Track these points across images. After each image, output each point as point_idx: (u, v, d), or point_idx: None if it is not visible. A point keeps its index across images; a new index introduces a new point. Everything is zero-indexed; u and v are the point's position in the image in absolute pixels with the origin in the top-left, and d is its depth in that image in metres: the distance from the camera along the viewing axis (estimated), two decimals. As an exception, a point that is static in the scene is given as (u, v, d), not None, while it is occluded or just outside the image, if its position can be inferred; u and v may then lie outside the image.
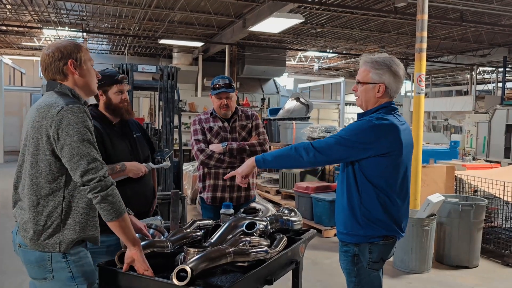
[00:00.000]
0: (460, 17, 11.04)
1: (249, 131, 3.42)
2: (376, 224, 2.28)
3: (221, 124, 3.37)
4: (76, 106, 1.89)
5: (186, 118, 12.95)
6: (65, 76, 2.01)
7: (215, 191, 3.33)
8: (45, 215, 1.92)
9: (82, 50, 2.05)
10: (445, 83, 25.15)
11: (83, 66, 2.04)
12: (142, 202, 2.81)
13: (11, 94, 16.88)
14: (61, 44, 2.03)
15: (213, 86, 3.33)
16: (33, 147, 1.92)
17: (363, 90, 2.37)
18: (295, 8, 9.97)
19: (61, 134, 1.85)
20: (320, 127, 7.76)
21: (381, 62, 2.32)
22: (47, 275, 1.94)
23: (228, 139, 3.33)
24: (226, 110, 3.33)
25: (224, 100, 3.29)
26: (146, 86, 6.43)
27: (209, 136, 3.35)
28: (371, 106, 2.37)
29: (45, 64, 2.01)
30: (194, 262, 1.83)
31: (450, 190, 5.91)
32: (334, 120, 19.35)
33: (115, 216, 1.90)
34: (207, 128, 3.36)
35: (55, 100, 1.91)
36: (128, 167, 2.68)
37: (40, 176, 1.92)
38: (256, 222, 2.28)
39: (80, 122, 1.87)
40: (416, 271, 4.83)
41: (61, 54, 1.99)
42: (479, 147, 11.76)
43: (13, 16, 12.02)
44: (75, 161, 1.85)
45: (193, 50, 16.19)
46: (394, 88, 2.34)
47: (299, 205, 6.77)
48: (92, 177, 1.86)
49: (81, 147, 1.86)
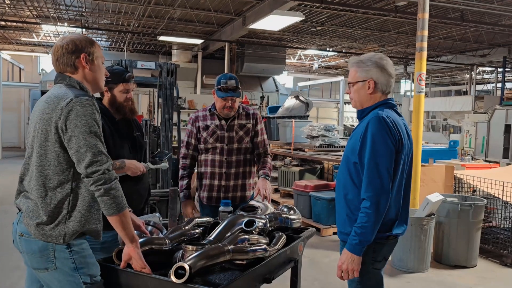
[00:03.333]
0: (460, 16, 11.03)
1: (247, 131, 3.30)
2: (381, 224, 2.26)
3: (218, 122, 3.25)
4: (86, 98, 1.91)
5: (185, 115, 12.92)
6: (76, 69, 2.04)
7: (211, 191, 3.27)
8: (53, 206, 1.92)
9: (96, 46, 2.09)
10: (444, 83, 25.19)
11: (95, 62, 2.07)
12: (137, 201, 2.81)
13: (10, 90, 16.85)
14: (76, 37, 2.06)
15: (220, 87, 3.14)
16: (42, 139, 1.92)
17: (355, 91, 2.39)
18: (295, 6, 9.95)
19: (69, 126, 1.87)
20: (319, 126, 7.75)
21: (366, 59, 2.35)
22: (49, 265, 1.94)
23: (224, 138, 3.23)
24: (229, 111, 3.22)
25: (228, 102, 3.18)
26: (145, 83, 6.41)
27: (204, 135, 3.25)
28: (367, 104, 2.37)
29: (57, 55, 2.03)
30: (192, 259, 1.82)
31: (449, 190, 5.91)
32: (333, 119, 19.32)
33: (116, 210, 1.90)
34: (203, 126, 3.27)
35: (65, 92, 1.94)
36: (128, 164, 2.68)
37: (49, 167, 1.93)
38: (255, 220, 2.27)
39: (88, 114, 1.89)
40: (414, 270, 4.82)
41: (75, 47, 2.02)
42: (478, 147, 11.77)
43: (12, 11, 11.98)
44: (82, 152, 1.87)
45: (192, 47, 16.16)
46: (384, 81, 2.33)
47: (297, 203, 6.76)
48: (97, 169, 1.87)
49: (88, 139, 1.87)
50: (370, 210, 2.17)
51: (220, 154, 3.23)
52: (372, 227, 2.18)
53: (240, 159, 3.27)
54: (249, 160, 3.33)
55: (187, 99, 13.93)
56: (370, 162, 2.20)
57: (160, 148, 5.52)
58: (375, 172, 2.18)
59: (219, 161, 3.24)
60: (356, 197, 2.28)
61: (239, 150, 3.27)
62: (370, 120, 2.24)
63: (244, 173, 3.30)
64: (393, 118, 2.26)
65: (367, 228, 2.18)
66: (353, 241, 2.21)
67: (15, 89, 17.45)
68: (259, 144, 3.36)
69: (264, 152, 3.38)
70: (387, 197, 2.19)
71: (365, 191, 2.20)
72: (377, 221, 2.18)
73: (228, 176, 3.24)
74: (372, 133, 2.21)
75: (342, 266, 2.26)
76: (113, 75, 2.68)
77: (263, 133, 3.40)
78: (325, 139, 7.56)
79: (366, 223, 2.18)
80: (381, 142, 2.19)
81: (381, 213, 2.18)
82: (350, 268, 2.24)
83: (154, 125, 6.39)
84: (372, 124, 2.22)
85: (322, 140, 7.54)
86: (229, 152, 3.24)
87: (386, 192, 2.18)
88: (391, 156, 2.20)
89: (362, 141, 2.24)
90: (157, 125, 6.25)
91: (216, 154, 3.24)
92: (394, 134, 2.22)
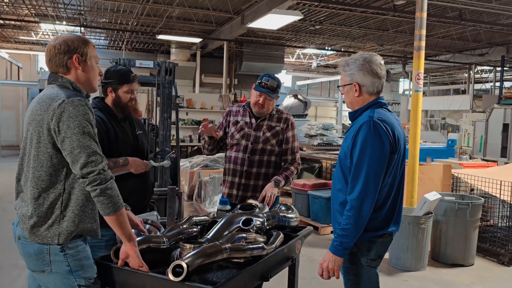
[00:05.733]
0: (459, 15, 11.04)
1: (275, 134, 3.23)
2: (374, 223, 2.28)
3: (248, 120, 3.25)
4: (77, 99, 1.90)
5: (183, 114, 12.92)
6: (68, 69, 2.02)
7: (232, 188, 3.25)
8: (46, 207, 1.93)
9: (89, 46, 2.06)
10: (443, 82, 25.19)
11: (88, 63, 2.05)
12: (140, 199, 2.83)
13: (8, 89, 16.81)
14: (69, 38, 2.04)
15: (260, 82, 3.17)
16: (35, 140, 1.92)
17: (345, 93, 2.43)
18: (293, 5, 9.94)
19: (62, 127, 1.86)
20: (317, 125, 7.76)
21: (351, 62, 2.35)
22: (45, 267, 1.95)
23: (250, 136, 3.21)
24: (260, 109, 3.19)
25: (261, 99, 3.16)
26: (143, 82, 6.39)
27: (232, 130, 3.26)
28: (357, 106, 2.39)
29: (50, 55, 2.01)
30: (190, 257, 1.83)
31: (447, 189, 5.92)
32: (332, 118, 19.35)
33: (112, 210, 1.90)
34: (233, 121, 3.28)
35: (57, 93, 1.92)
36: (131, 162, 2.71)
37: (42, 169, 1.92)
38: (252, 219, 2.28)
39: (81, 114, 1.87)
40: (411, 269, 4.84)
41: (67, 48, 2.00)
42: (476, 146, 11.80)
43: (10, 9, 11.95)
44: (76, 153, 1.86)
45: (191, 46, 16.14)
46: (369, 84, 2.33)
47: (296, 202, 6.77)
48: (92, 169, 1.87)
49: (82, 139, 1.86)
50: (351, 213, 2.19)
51: (243, 151, 3.21)
52: (354, 230, 2.19)
53: (263, 160, 3.22)
54: (273, 162, 3.27)
55: (185, 98, 13.90)
56: (356, 166, 2.21)
57: (158, 146, 5.52)
58: (361, 176, 2.19)
59: (241, 159, 3.21)
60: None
61: (263, 150, 3.21)
62: (361, 125, 2.25)
63: (267, 174, 3.23)
64: (385, 119, 2.26)
65: (347, 231, 2.20)
66: (335, 242, 2.25)
67: (14, 87, 17.40)
68: (288, 151, 3.29)
69: (292, 160, 3.32)
70: (371, 202, 2.19)
71: (349, 194, 2.22)
72: (358, 225, 2.19)
73: (249, 175, 3.20)
74: (362, 139, 2.22)
75: (323, 264, 2.29)
76: (117, 75, 2.70)
77: (295, 140, 3.32)
78: (324, 138, 7.58)
79: (347, 225, 2.20)
80: (370, 147, 2.20)
81: (363, 217, 2.19)
82: (331, 267, 2.26)
83: (152, 124, 6.39)
84: (363, 129, 2.23)
85: (320, 139, 7.56)
86: (252, 151, 3.20)
87: (371, 197, 2.19)
88: (379, 161, 2.20)
89: (353, 145, 2.25)
90: (155, 124, 6.24)
91: (239, 152, 3.22)
92: (386, 137, 2.21)
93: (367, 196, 2.18)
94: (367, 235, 2.28)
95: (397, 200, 2.36)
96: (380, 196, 2.26)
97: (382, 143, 2.20)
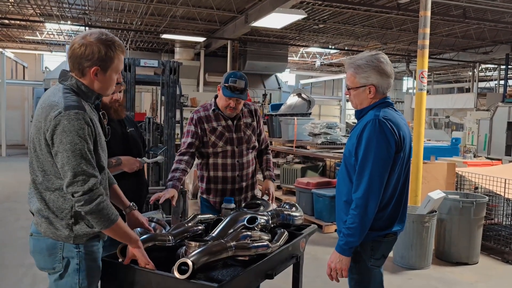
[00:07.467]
0: (463, 13, 11.00)
1: (253, 130, 3.19)
2: (378, 222, 2.27)
3: (224, 123, 3.07)
4: (74, 112, 1.81)
5: (188, 113, 12.92)
6: (83, 75, 1.93)
7: (225, 195, 3.06)
8: (59, 208, 1.90)
9: (116, 58, 1.97)
10: (447, 80, 25.10)
11: (106, 74, 1.96)
12: (136, 197, 2.83)
13: (13, 88, 16.90)
14: (100, 42, 1.90)
15: (228, 85, 2.95)
16: (37, 146, 1.90)
17: (355, 94, 2.37)
18: (297, 4, 9.93)
19: (55, 140, 1.81)
20: (321, 123, 7.76)
21: (364, 64, 2.30)
22: (56, 264, 1.93)
23: (234, 140, 3.08)
24: (232, 112, 3.05)
25: (232, 102, 3.00)
26: (148, 81, 6.44)
27: (213, 138, 3.04)
28: (365, 105, 2.37)
29: (71, 53, 1.92)
30: (195, 255, 1.84)
31: (451, 187, 5.91)
32: (336, 117, 19.30)
33: (104, 226, 1.88)
34: (209, 129, 3.05)
35: (57, 101, 1.85)
36: (124, 161, 2.71)
37: (49, 171, 1.90)
38: (257, 217, 2.29)
39: (75, 130, 1.80)
40: (416, 267, 4.84)
41: (91, 55, 1.89)
42: (480, 145, 11.75)
43: (15, 9, 12.01)
44: (65, 170, 1.82)
45: (195, 45, 16.16)
46: (384, 85, 2.32)
47: (300, 200, 6.78)
48: (76, 189, 1.81)
49: (71, 157, 1.80)
50: (357, 212, 2.18)
51: (231, 157, 3.07)
52: (359, 229, 2.19)
53: (249, 159, 3.17)
54: (254, 157, 3.26)
55: (189, 97, 13.94)
56: (361, 164, 2.21)
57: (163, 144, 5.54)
58: (365, 175, 2.19)
59: (231, 165, 3.07)
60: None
61: (248, 150, 3.15)
62: (367, 123, 2.23)
63: (253, 171, 3.23)
64: (391, 118, 2.25)
65: (353, 230, 2.20)
66: (340, 242, 2.24)
67: (19, 87, 17.49)
68: (263, 141, 3.30)
69: (265, 148, 3.34)
70: (376, 200, 2.19)
71: (354, 193, 2.22)
72: (364, 224, 2.19)
73: (241, 178, 3.11)
74: (367, 137, 2.21)
75: (331, 264, 2.29)
76: None
77: (264, 128, 3.33)
78: (327, 137, 7.58)
79: (352, 224, 2.20)
80: (376, 146, 2.19)
81: (369, 217, 2.19)
82: (338, 267, 2.26)
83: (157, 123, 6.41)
84: (368, 127, 2.22)
85: (324, 138, 7.56)
86: (240, 154, 3.10)
87: (376, 195, 2.19)
88: (384, 160, 2.19)
89: (358, 143, 2.25)
90: (160, 123, 6.27)
91: (227, 158, 3.07)
92: (392, 136, 2.21)
93: (372, 194, 2.18)
94: (372, 234, 2.27)
95: (401, 199, 2.35)
96: (384, 195, 2.25)
97: (387, 142, 2.19)
